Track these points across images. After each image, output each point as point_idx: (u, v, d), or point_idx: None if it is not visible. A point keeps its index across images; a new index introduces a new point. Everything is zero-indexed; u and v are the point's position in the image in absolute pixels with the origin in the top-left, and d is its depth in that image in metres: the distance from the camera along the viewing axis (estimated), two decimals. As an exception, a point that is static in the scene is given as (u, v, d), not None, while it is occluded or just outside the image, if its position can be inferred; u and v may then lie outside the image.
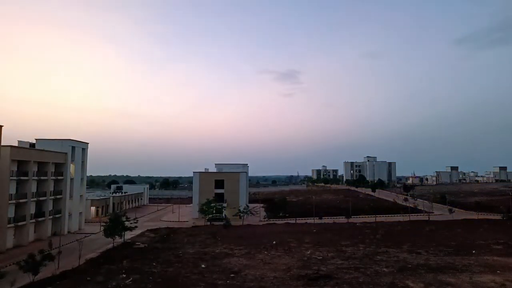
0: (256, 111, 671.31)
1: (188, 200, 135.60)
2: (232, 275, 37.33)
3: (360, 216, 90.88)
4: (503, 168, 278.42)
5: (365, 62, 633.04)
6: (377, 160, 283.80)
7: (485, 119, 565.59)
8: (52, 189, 67.88)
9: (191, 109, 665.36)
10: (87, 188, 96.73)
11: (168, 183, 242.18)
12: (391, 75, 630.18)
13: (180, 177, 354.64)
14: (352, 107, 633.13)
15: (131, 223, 59.11)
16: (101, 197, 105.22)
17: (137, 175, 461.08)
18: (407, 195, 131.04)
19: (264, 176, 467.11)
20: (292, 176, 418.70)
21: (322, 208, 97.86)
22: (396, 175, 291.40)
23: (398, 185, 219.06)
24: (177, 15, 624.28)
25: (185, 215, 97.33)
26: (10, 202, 56.21)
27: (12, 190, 57.88)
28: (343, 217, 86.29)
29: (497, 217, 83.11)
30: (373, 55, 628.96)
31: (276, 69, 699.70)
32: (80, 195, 78.44)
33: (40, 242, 59.24)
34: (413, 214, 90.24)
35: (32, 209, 62.03)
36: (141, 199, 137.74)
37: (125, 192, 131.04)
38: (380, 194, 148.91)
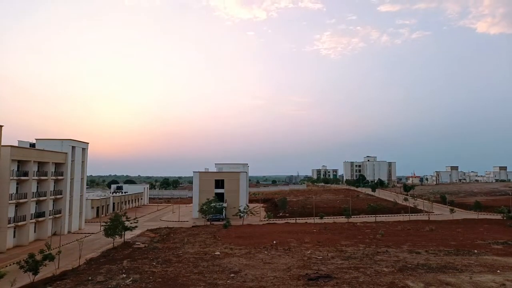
0: (256, 111, 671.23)
1: (188, 200, 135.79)
2: (232, 275, 37.34)
3: (360, 216, 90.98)
4: (503, 168, 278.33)
5: (365, 61, 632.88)
6: (377, 160, 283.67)
7: (485, 119, 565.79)
8: (52, 189, 67.95)
9: (190, 109, 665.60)
10: (87, 188, 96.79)
11: (168, 183, 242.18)
12: (390, 74, 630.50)
13: (180, 177, 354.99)
14: (352, 107, 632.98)
15: (131, 223, 59.21)
16: (101, 197, 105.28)
17: (137, 175, 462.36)
18: (407, 195, 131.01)
19: (264, 176, 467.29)
20: (292, 176, 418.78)
21: (322, 208, 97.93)
22: (396, 175, 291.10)
23: (398, 185, 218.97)
24: (181, 22, 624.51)
25: (185, 215, 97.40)
26: (10, 202, 56.25)
27: (12, 190, 57.93)
28: (343, 217, 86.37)
29: (497, 217, 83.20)
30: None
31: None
32: (80, 195, 78.49)
33: (40, 242, 59.31)
34: (413, 214, 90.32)
35: (32, 209, 62.10)
36: (141, 199, 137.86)
37: (125, 192, 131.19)
38: (380, 194, 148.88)
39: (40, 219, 63.81)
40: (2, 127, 51.62)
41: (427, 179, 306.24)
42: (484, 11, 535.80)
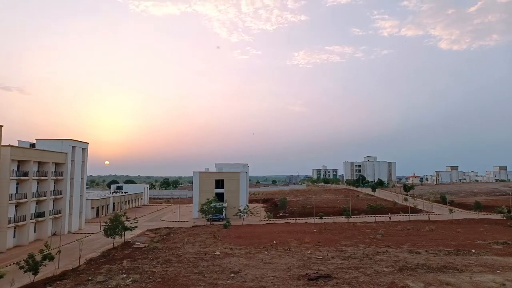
0: (256, 110, 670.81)
1: (188, 200, 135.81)
2: (232, 275, 37.34)
3: (360, 216, 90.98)
4: (503, 168, 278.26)
5: (365, 61, 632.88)
6: (377, 160, 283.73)
7: (485, 119, 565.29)
8: (52, 189, 67.96)
9: (190, 109, 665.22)
10: (87, 188, 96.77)
11: (168, 183, 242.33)
12: (390, 75, 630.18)
13: (180, 177, 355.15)
14: (352, 106, 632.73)
15: (131, 223, 59.26)
16: (101, 197, 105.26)
17: (137, 175, 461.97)
18: (407, 195, 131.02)
19: (264, 176, 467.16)
20: (292, 176, 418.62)
21: (322, 208, 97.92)
22: (396, 175, 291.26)
23: (398, 185, 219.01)
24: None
25: (185, 215, 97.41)
26: (10, 202, 56.23)
27: (12, 190, 57.91)
28: (343, 217, 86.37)
29: (497, 217, 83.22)
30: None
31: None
32: (80, 195, 78.50)
33: (40, 242, 59.23)
34: (413, 214, 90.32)
35: (32, 209, 62.11)
36: (141, 199, 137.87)
37: (125, 192, 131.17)
38: (380, 194, 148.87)
39: (40, 219, 63.80)
40: (2, 127, 51.65)
41: (427, 179, 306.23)
42: (441, 33, 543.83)
